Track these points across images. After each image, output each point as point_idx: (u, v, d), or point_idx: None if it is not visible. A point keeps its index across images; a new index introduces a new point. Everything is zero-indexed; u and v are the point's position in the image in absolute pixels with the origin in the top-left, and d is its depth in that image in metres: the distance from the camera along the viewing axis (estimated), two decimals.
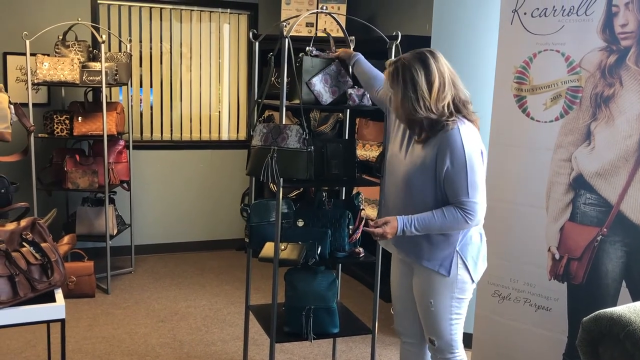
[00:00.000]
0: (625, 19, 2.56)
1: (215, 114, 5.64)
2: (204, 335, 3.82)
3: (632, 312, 1.97)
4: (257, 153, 2.71)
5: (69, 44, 4.48)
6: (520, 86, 2.90)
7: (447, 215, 2.25)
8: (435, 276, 2.36)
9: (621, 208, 2.60)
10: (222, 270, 5.10)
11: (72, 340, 3.62)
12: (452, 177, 2.24)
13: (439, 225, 2.27)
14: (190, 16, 5.41)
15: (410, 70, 2.24)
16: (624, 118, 2.58)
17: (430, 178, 2.28)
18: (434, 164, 2.26)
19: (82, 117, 4.41)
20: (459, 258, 2.35)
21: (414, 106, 2.22)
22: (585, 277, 2.72)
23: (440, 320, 2.40)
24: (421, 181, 2.30)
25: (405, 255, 2.47)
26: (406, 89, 2.23)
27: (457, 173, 2.23)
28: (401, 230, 2.28)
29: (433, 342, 2.45)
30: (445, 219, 2.26)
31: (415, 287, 2.47)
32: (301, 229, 2.91)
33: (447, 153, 2.23)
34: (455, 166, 2.23)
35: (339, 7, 4.95)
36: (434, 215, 2.27)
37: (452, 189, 2.25)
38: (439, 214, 2.26)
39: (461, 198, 2.24)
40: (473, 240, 2.38)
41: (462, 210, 2.24)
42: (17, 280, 2.07)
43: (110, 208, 4.60)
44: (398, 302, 2.62)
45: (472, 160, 2.24)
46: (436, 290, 2.37)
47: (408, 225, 2.28)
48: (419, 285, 2.44)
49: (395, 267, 2.62)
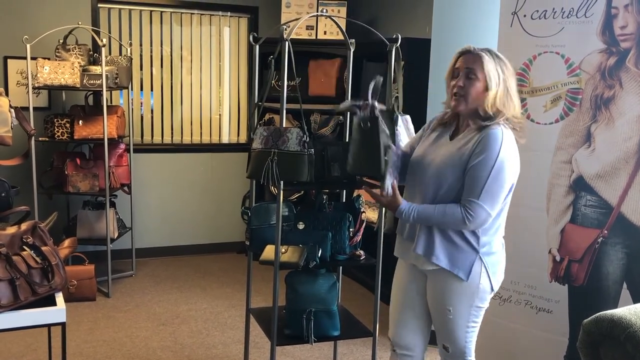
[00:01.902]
0: (624, 20, 2.57)
1: (216, 117, 5.65)
2: (205, 339, 3.82)
3: (633, 314, 1.97)
4: (257, 156, 2.71)
5: (70, 48, 4.48)
6: (520, 88, 2.90)
7: (447, 211, 2.22)
8: (453, 282, 2.29)
9: (622, 210, 2.60)
10: (223, 273, 5.10)
11: (73, 344, 3.62)
12: (473, 173, 2.18)
13: (437, 218, 2.24)
14: (191, 19, 5.41)
15: (503, 63, 2.23)
16: (624, 120, 2.58)
17: (460, 171, 2.22)
18: (467, 158, 2.20)
19: (82, 121, 4.42)
20: (483, 266, 2.29)
21: (495, 99, 2.19)
22: (586, 279, 2.72)
23: (458, 328, 2.34)
24: (455, 177, 2.23)
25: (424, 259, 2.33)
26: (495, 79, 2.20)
27: (480, 171, 2.17)
28: (401, 211, 2.28)
29: (447, 348, 2.40)
30: (445, 214, 2.22)
31: (430, 294, 2.40)
32: (302, 232, 2.90)
33: (483, 149, 2.17)
34: (482, 164, 2.17)
35: (339, 10, 4.95)
36: (434, 209, 2.24)
37: (467, 185, 2.20)
38: (440, 208, 2.23)
39: (471, 198, 2.19)
40: (496, 249, 2.33)
41: (464, 209, 2.19)
42: (17, 284, 2.07)
43: (111, 211, 4.60)
44: (400, 310, 2.52)
45: (502, 166, 2.18)
46: (456, 297, 2.31)
47: (408, 211, 2.27)
48: (436, 291, 2.37)
49: (401, 274, 2.54)
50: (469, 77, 2.22)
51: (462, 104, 2.24)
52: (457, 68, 2.26)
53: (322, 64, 5.06)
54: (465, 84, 2.22)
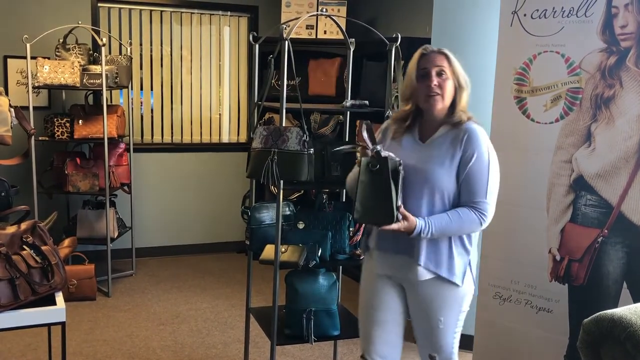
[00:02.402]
0: (625, 20, 2.56)
1: (216, 116, 5.64)
2: (205, 338, 3.82)
3: (633, 314, 1.97)
4: (257, 155, 2.71)
5: (70, 47, 4.48)
6: (521, 88, 2.90)
7: (463, 217, 2.15)
8: (446, 289, 2.23)
9: (622, 209, 2.60)
10: (223, 272, 5.10)
11: (73, 343, 3.62)
12: (474, 174, 2.16)
13: (456, 228, 2.17)
14: (191, 19, 5.41)
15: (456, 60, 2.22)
16: (624, 119, 2.57)
17: (451, 172, 2.18)
18: (459, 159, 2.17)
19: (82, 120, 4.41)
20: (469, 268, 2.26)
21: (460, 96, 2.20)
22: (586, 278, 2.71)
23: (447, 336, 2.28)
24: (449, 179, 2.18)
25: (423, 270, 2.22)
26: (460, 76, 2.20)
27: (479, 171, 2.16)
28: (418, 232, 2.13)
29: (434, 357, 2.33)
30: (462, 220, 2.15)
31: (418, 305, 2.30)
32: (302, 231, 2.90)
33: (473, 148, 2.16)
34: (479, 164, 2.16)
35: (339, 10, 4.95)
36: (449, 217, 2.16)
37: (471, 186, 2.17)
38: (454, 215, 2.16)
39: (479, 198, 2.16)
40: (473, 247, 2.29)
41: (477, 211, 2.16)
42: (17, 284, 2.07)
43: (111, 211, 4.60)
44: (382, 327, 2.37)
45: (494, 161, 2.19)
46: (448, 305, 2.25)
47: (426, 228, 2.13)
48: (425, 302, 2.27)
49: (378, 291, 2.37)
50: (441, 76, 2.20)
51: (440, 103, 2.21)
52: (425, 68, 2.21)
53: (322, 64, 5.06)
54: (439, 83, 2.19)
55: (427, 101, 2.21)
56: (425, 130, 2.29)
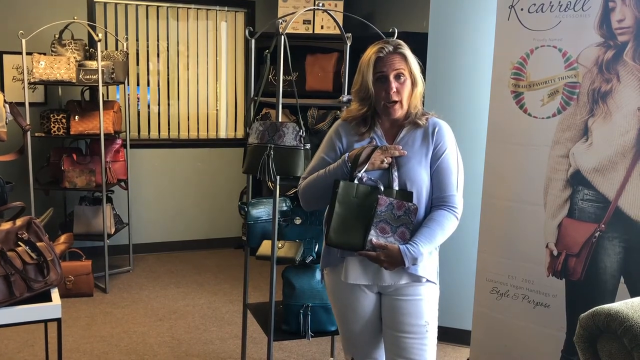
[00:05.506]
0: (622, 14, 2.55)
1: (213, 112, 5.63)
2: (202, 334, 3.81)
3: (630, 308, 1.97)
4: (253, 151, 2.70)
5: (66, 43, 4.46)
6: (518, 82, 2.89)
7: (443, 222, 2.08)
8: (427, 289, 2.15)
9: (619, 204, 2.60)
10: (220, 268, 5.10)
11: (70, 340, 3.61)
12: (444, 168, 2.11)
13: (441, 236, 2.09)
14: (187, 14, 5.39)
15: (412, 56, 2.12)
16: (621, 114, 2.57)
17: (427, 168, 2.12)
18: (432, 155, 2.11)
19: (79, 116, 4.41)
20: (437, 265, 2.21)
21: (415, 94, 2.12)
22: (583, 273, 2.71)
23: (431, 339, 2.17)
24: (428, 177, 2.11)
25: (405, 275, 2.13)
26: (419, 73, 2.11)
27: (449, 165, 2.11)
28: (411, 261, 2.03)
29: None
30: (443, 226, 2.08)
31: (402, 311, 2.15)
32: (298, 227, 2.90)
33: (443, 142, 2.12)
34: (448, 157, 2.11)
35: (335, 4, 4.93)
36: (430, 229, 2.07)
37: (441, 180, 2.11)
38: (433, 224, 2.07)
39: (449, 192, 2.10)
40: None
41: (450, 209, 2.09)
42: (12, 280, 2.06)
43: (108, 207, 4.59)
44: (367, 334, 2.26)
45: (458, 153, 2.16)
46: (430, 306, 2.16)
47: (417, 254, 2.03)
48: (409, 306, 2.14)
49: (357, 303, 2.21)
50: (399, 79, 2.09)
51: (399, 110, 2.12)
52: (382, 72, 2.08)
53: (319, 59, 5.04)
54: (398, 88, 2.09)
55: (386, 108, 2.12)
56: (388, 131, 2.19)
